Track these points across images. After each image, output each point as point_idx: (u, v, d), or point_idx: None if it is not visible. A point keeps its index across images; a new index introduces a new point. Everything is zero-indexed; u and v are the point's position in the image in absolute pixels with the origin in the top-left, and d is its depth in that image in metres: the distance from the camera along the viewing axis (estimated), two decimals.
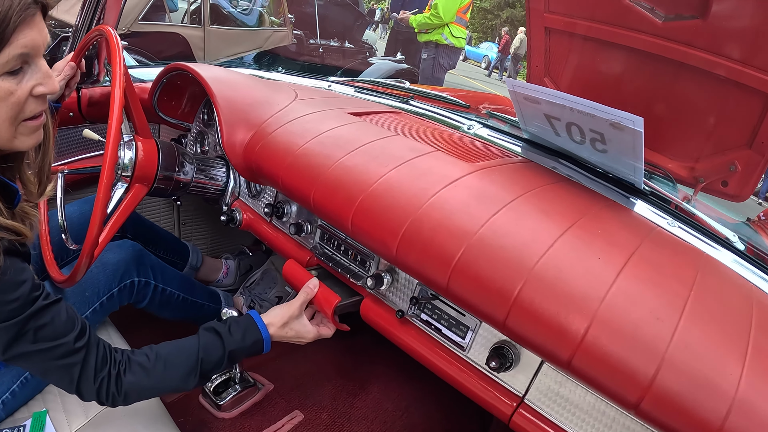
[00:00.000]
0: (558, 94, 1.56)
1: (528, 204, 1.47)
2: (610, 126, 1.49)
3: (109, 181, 1.51)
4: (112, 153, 1.50)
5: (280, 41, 8.21)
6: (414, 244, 1.42)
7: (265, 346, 1.68)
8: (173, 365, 1.52)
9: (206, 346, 1.57)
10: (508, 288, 1.24)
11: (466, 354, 1.50)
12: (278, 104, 2.15)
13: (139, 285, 2.06)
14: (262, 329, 1.67)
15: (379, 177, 1.58)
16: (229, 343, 1.59)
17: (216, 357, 1.57)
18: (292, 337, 1.75)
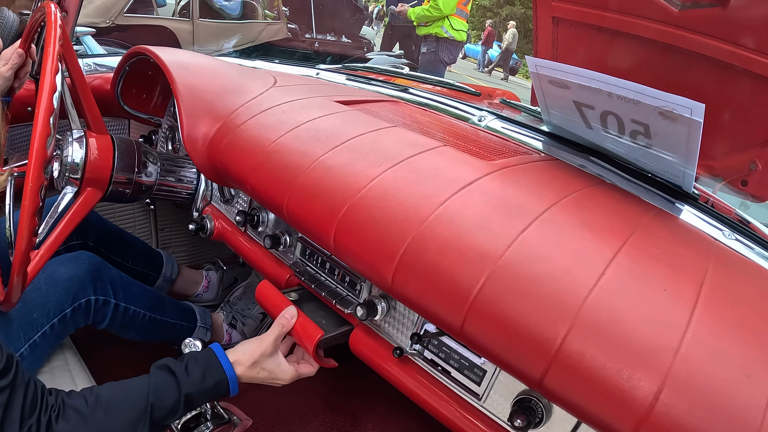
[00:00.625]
0: (595, 75, 1.32)
1: (564, 215, 1.18)
2: (659, 115, 1.26)
3: (36, 185, 1.26)
4: (38, 148, 1.24)
5: (274, 35, 8.10)
6: (415, 271, 1.11)
7: (230, 389, 1.44)
8: (117, 411, 1.28)
9: (158, 388, 1.34)
10: (546, 335, 0.94)
11: (482, 404, 1.24)
12: (251, 92, 1.87)
13: (96, 304, 1.81)
14: (226, 368, 1.43)
15: (370, 180, 1.28)
16: (185, 385, 1.36)
17: (170, 402, 1.34)
18: (264, 378, 1.50)
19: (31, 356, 1.63)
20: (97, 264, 1.83)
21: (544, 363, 0.94)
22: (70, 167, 1.67)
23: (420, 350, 1.34)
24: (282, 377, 1.52)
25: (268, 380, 1.52)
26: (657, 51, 2.02)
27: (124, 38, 5.78)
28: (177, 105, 1.77)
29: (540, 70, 1.47)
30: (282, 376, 1.52)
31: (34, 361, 1.66)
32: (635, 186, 1.59)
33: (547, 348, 0.94)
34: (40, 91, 1.27)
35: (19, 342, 1.59)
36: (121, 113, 2.37)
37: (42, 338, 1.67)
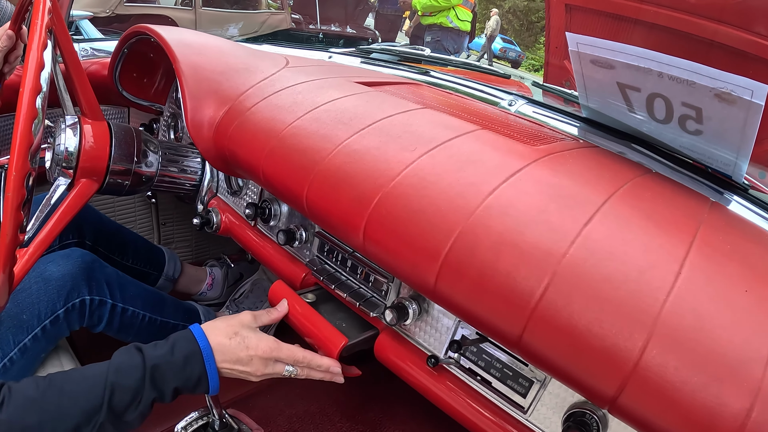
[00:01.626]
0: (646, 52, 1.23)
1: (626, 206, 1.04)
2: (714, 98, 1.16)
3: (20, 173, 1.12)
4: (23, 131, 1.11)
5: (278, 25, 8.15)
6: (464, 272, 0.96)
7: (206, 364, 1.24)
8: (71, 394, 1.12)
9: (119, 366, 1.17)
10: (622, 346, 0.81)
11: (528, 417, 1.13)
12: (261, 72, 1.74)
13: (92, 305, 1.69)
14: (198, 336, 1.26)
15: (405, 166, 1.13)
16: (150, 358, 1.19)
17: (132, 381, 1.16)
18: (244, 355, 1.28)
19: (22, 360, 1.53)
20: (91, 261, 1.72)
21: (619, 378, 0.81)
22: (62, 156, 1.55)
23: (456, 358, 1.22)
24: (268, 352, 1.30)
25: (248, 361, 1.29)
26: (671, 38, 1.97)
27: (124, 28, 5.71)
28: (180, 86, 1.65)
29: (582, 48, 1.37)
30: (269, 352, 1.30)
31: (26, 365, 1.56)
32: (680, 175, 1.49)
33: (624, 361, 0.81)
34: (24, 69, 1.13)
35: (9, 346, 1.49)
36: (120, 101, 2.27)
37: (33, 341, 1.57)
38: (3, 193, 1.56)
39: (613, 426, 1.01)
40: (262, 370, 1.30)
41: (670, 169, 1.50)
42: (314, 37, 8.37)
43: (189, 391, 1.24)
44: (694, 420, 0.76)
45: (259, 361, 1.29)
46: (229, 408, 1.81)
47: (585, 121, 1.73)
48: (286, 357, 1.32)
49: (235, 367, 1.28)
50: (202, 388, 1.25)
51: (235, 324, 1.31)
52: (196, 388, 1.24)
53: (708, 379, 0.75)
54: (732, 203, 1.42)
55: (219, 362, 1.25)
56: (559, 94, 2.03)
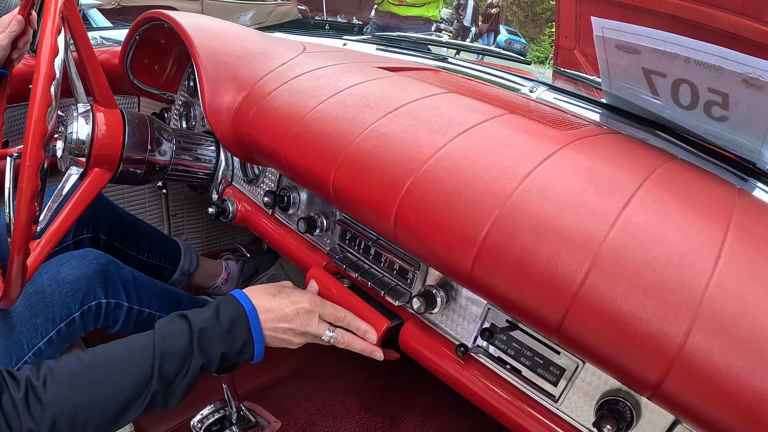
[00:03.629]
0: (674, 37, 1.21)
1: (662, 190, 1.01)
2: (742, 83, 1.15)
3: (35, 164, 1.10)
4: (37, 120, 1.08)
5: (284, 16, 8.10)
6: (503, 258, 0.94)
7: (252, 326, 1.25)
8: (120, 366, 1.11)
9: (165, 333, 1.17)
10: (666, 331, 0.79)
11: (559, 406, 1.11)
12: (280, 57, 1.71)
13: (107, 308, 1.68)
14: (243, 300, 1.27)
15: (436, 150, 1.10)
16: (197, 322, 1.19)
17: (180, 346, 1.16)
18: (289, 312, 1.29)
19: (36, 363, 1.47)
20: (107, 263, 1.70)
21: (664, 364, 0.80)
22: (75, 145, 1.52)
23: (485, 346, 1.20)
24: (312, 305, 1.32)
25: (293, 316, 1.30)
26: (684, 29, 1.89)
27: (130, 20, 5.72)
28: (197, 71, 1.63)
29: (607, 33, 1.35)
30: (314, 306, 1.32)
31: None
32: (704, 162, 1.48)
33: (668, 346, 0.79)
34: (38, 55, 1.11)
35: (22, 350, 1.46)
36: (130, 89, 2.24)
37: (48, 345, 1.56)
38: (13, 181, 1.55)
39: (646, 414, 1.00)
40: (306, 326, 1.29)
41: (693, 156, 1.49)
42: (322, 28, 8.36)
43: (235, 358, 1.23)
44: (739, 404, 0.75)
45: (304, 315, 1.29)
46: (246, 401, 1.81)
47: (607, 108, 1.72)
48: (329, 312, 1.33)
49: (279, 325, 1.27)
50: (247, 353, 1.24)
51: (276, 284, 1.33)
52: (241, 354, 1.23)
53: (753, 363, 0.74)
54: (756, 190, 1.41)
55: (264, 321, 1.25)
56: (581, 80, 2.02)
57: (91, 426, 1.07)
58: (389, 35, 2.56)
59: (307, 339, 1.32)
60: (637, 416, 1.01)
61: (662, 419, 0.98)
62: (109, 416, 1.09)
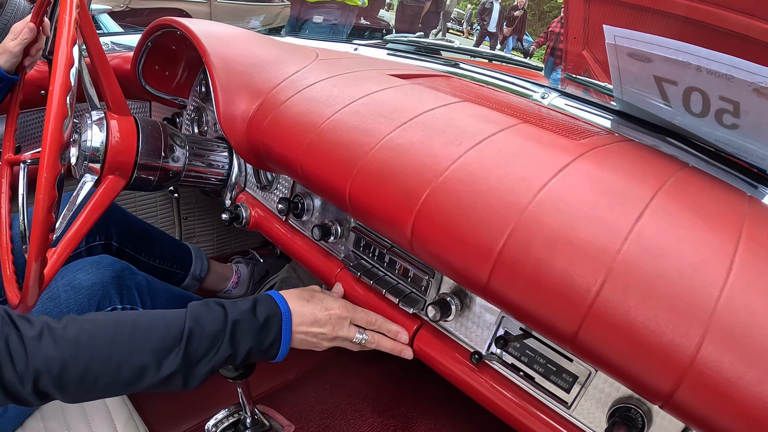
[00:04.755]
0: (685, 46, 1.21)
1: (673, 202, 1.02)
2: (753, 92, 1.14)
3: (52, 174, 1.09)
4: (54, 131, 1.07)
5: None
6: (519, 269, 0.95)
7: (283, 328, 1.27)
8: (145, 331, 1.11)
9: (198, 315, 1.17)
10: (678, 342, 0.80)
11: (571, 413, 1.13)
12: (293, 64, 1.71)
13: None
14: (279, 301, 1.29)
15: (452, 161, 1.10)
16: (233, 312, 1.20)
17: (213, 330, 1.16)
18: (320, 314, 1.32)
19: None
20: (121, 269, 1.71)
21: (676, 374, 0.81)
22: (89, 153, 1.52)
23: (499, 354, 1.22)
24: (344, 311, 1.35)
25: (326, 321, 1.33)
26: (695, 31, 1.89)
27: (139, 22, 5.74)
28: (211, 79, 1.64)
29: (619, 41, 1.35)
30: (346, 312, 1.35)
31: None
32: (715, 169, 1.49)
33: (680, 357, 0.80)
34: (54, 66, 1.11)
35: None
36: (142, 94, 2.25)
37: None
38: (26, 188, 1.57)
39: (657, 421, 1.01)
40: (337, 331, 1.32)
41: (704, 163, 1.50)
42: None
43: (259, 354, 1.24)
44: (749, 415, 0.75)
45: (336, 320, 1.32)
46: (259, 404, 1.81)
47: (618, 114, 1.72)
48: (361, 317, 1.36)
49: (311, 329, 1.30)
50: (272, 353, 1.26)
51: (308, 289, 1.36)
52: (266, 353, 1.25)
53: (763, 374, 0.75)
54: (766, 197, 1.42)
55: (295, 325, 1.27)
56: (592, 86, 2.01)
57: (103, 381, 1.07)
58: (400, 40, 2.56)
59: (337, 343, 1.35)
60: (648, 423, 1.01)
61: (673, 426, 0.99)
62: (123, 378, 1.08)
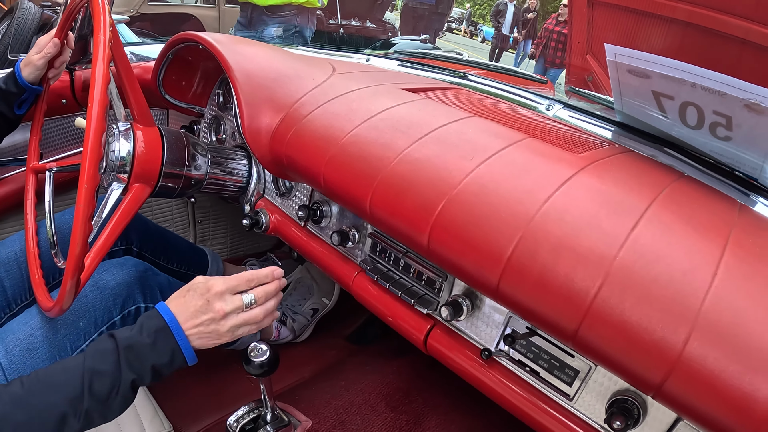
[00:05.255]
0: (680, 65, 1.26)
1: (667, 212, 1.10)
2: (744, 107, 1.19)
3: (92, 185, 1.17)
4: (93, 145, 1.15)
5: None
6: (526, 273, 1.03)
7: (173, 332, 1.24)
8: (54, 386, 1.15)
9: (94, 353, 1.19)
10: (668, 339, 0.89)
11: (573, 405, 1.20)
12: (313, 79, 1.77)
13: (146, 312, 1.68)
14: (160, 308, 1.28)
15: (465, 174, 1.19)
16: (122, 340, 1.21)
17: (109, 365, 1.17)
18: (199, 303, 1.29)
19: None
20: (144, 270, 1.77)
21: (665, 367, 0.89)
22: (117, 163, 1.58)
23: (507, 350, 1.28)
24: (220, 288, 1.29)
25: (206, 307, 1.28)
26: (701, 37, 1.92)
27: (149, 27, 5.74)
28: (236, 93, 1.69)
29: (619, 59, 1.40)
30: (221, 287, 1.29)
31: None
32: (710, 178, 1.54)
33: (669, 352, 0.89)
34: (92, 83, 1.18)
35: (66, 352, 1.52)
36: (160, 103, 2.28)
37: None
38: (51, 196, 1.62)
39: (652, 411, 1.08)
40: (222, 307, 1.28)
41: (699, 172, 1.54)
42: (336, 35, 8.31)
43: (167, 368, 1.23)
44: (730, 404, 0.84)
45: (215, 299, 1.28)
46: (277, 401, 1.87)
47: (618, 125, 1.76)
48: (238, 282, 1.32)
49: (199, 320, 1.27)
50: (178, 361, 1.25)
51: (186, 285, 1.33)
52: (173, 363, 1.24)
53: (744, 368, 0.83)
54: (758, 204, 1.46)
55: (183, 323, 1.26)
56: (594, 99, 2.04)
57: None
58: (411, 52, 2.60)
59: (234, 321, 1.30)
60: (643, 413, 1.08)
61: (666, 416, 1.06)
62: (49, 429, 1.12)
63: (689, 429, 1.04)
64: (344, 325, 2.62)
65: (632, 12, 2.08)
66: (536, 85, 2.22)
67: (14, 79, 1.70)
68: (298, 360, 2.31)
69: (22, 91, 1.71)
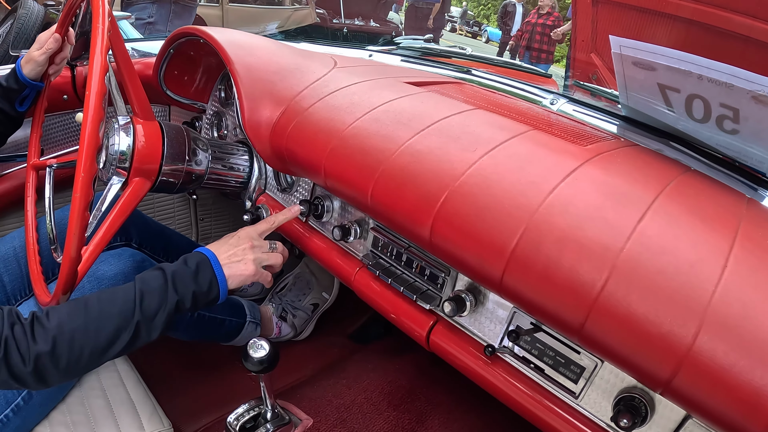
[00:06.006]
0: (687, 56, 1.24)
1: (674, 204, 1.08)
2: (752, 99, 1.17)
3: (89, 174, 1.19)
4: (90, 134, 1.16)
5: (302, 20, 8.04)
6: (530, 266, 1.01)
7: (213, 265, 1.43)
8: (108, 302, 1.29)
9: (144, 278, 1.35)
10: (677, 333, 0.86)
11: (578, 402, 1.17)
12: (314, 73, 1.76)
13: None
14: (203, 250, 1.47)
15: (468, 166, 1.17)
16: (169, 269, 1.38)
17: (157, 285, 1.34)
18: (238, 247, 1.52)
19: None
20: (142, 260, 1.79)
21: (674, 362, 0.87)
22: (117, 157, 1.57)
23: (510, 347, 1.25)
24: (249, 230, 1.56)
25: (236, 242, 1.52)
26: (704, 34, 1.92)
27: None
28: (236, 87, 1.68)
29: (624, 51, 1.38)
30: (249, 230, 1.56)
31: None
32: (716, 171, 1.52)
33: (678, 346, 0.86)
34: (90, 72, 1.18)
35: None
36: (161, 99, 2.29)
37: None
38: (52, 191, 1.61)
39: (659, 409, 1.06)
40: (253, 242, 1.51)
41: (706, 166, 1.53)
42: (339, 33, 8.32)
43: (204, 297, 1.39)
44: (740, 399, 0.81)
45: (245, 237, 1.52)
46: (278, 399, 1.86)
47: (623, 119, 1.75)
48: (261, 227, 1.59)
49: (232, 251, 1.48)
50: (213, 293, 1.40)
51: (227, 237, 1.54)
52: (209, 294, 1.40)
53: (754, 362, 0.80)
54: (766, 199, 1.45)
55: (220, 258, 1.44)
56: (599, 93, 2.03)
57: (87, 349, 1.22)
58: (413, 47, 2.59)
59: (259, 255, 1.51)
60: (651, 411, 1.06)
61: (674, 414, 1.03)
62: (101, 342, 1.24)
63: (698, 427, 1.01)
64: (346, 324, 2.62)
65: (636, 10, 2.09)
66: (540, 80, 2.20)
67: (15, 76, 1.70)
68: (300, 358, 2.30)
69: (23, 87, 1.70)
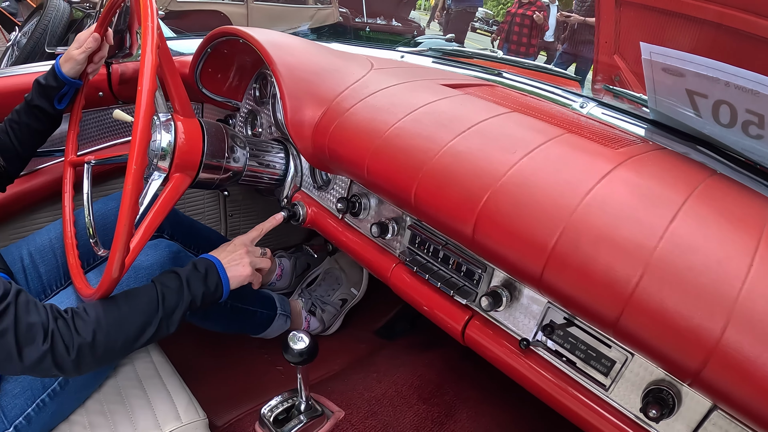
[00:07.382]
0: (714, 63, 1.27)
1: (703, 205, 1.13)
2: None
3: (140, 168, 1.21)
4: (143, 129, 1.19)
5: (325, 19, 8.05)
6: (569, 263, 1.06)
7: (218, 269, 1.60)
8: (135, 301, 1.44)
9: (162, 281, 1.51)
10: (706, 326, 0.92)
11: (608, 395, 1.21)
12: (352, 74, 1.80)
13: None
14: (209, 257, 1.64)
15: (509, 167, 1.22)
16: (183, 272, 1.54)
17: (175, 286, 1.50)
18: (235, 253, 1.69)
19: None
20: (177, 251, 1.82)
21: (703, 354, 0.92)
22: (158, 152, 1.60)
23: (544, 341, 1.30)
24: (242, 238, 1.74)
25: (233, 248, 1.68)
26: (724, 36, 1.94)
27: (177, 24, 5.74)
28: (279, 86, 1.72)
29: (654, 57, 1.41)
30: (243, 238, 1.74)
31: None
32: (741, 175, 1.55)
33: (707, 339, 0.91)
34: (141, 69, 1.22)
35: None
36: (195, 96, 2.29)
37: None
38: (90, 187, 1.66)
39: (686, 401, 1.10)
40: (246, 247, 1.69)
41: (731, 170, 1.56)
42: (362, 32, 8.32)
43: (211, 296, 1.55)
44: (765, 389, 0.86)
45: (239, 244, 1.69)
46: (311, 391, 1.90)
47: (651, 123, 1.78)
48: (252, 234, 1.77)
49: (231, 256, 1.65)
50: (218, 293, 1.57)
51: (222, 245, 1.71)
52: (215, 294, 1.56)
53: None
54: None
55: (222, 260, 1.61)
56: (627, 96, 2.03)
57: (120, 340, 1.37)
58: (444, 49, 2.61)
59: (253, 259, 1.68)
60: (678, 403, 1.10)
61: (700, 406, 1.08)
62: (131, 334, 1.39)
63: (722, 418, 1.06)
64: (373, 320, 2.65)
65: (660, 12, 2.10)
66: (568, 83, 2.22)
67: (54, 74, 1.73)
68: (328, 352, 2.34)
69: (62, 85, 1.74)
